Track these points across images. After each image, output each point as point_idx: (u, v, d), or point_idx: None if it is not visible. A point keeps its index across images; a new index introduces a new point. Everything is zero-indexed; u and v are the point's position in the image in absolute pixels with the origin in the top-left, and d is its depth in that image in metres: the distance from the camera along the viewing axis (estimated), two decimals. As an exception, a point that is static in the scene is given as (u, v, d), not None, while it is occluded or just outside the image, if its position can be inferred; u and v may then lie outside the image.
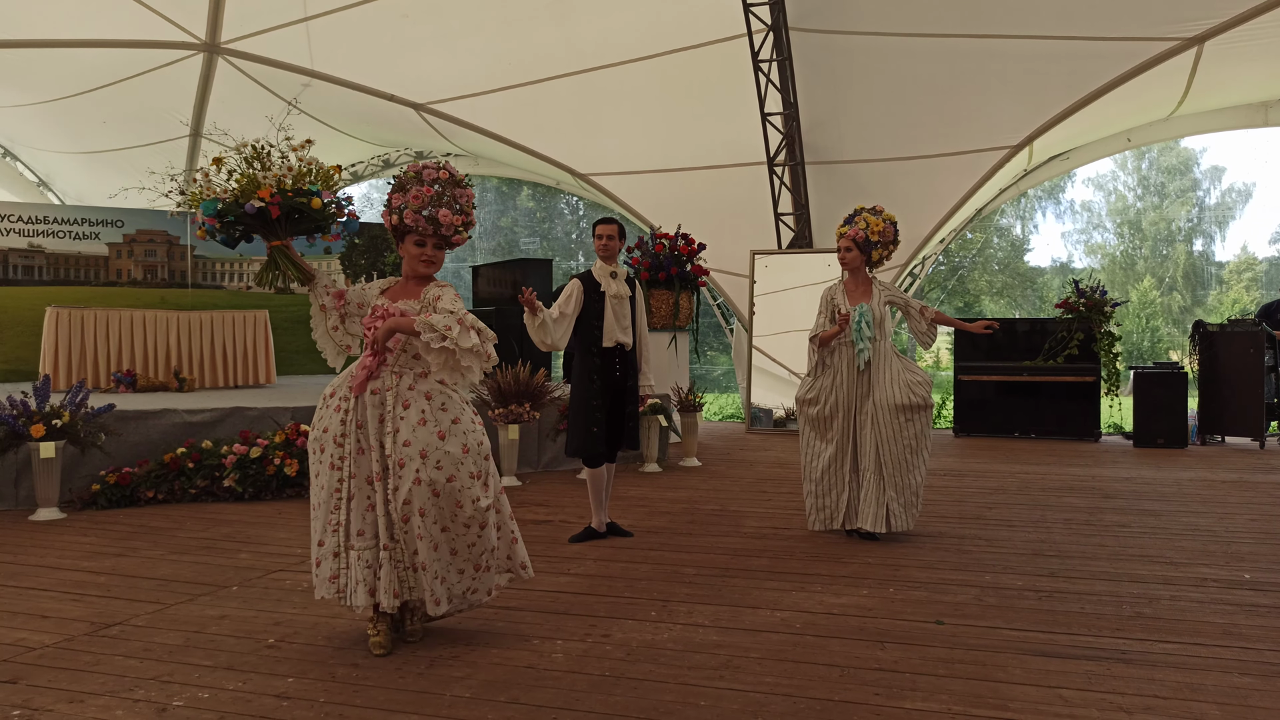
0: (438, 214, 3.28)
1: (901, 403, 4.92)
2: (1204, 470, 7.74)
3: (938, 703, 2.78)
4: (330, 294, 3.48)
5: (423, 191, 3.26)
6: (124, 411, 6.31)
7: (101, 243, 11.27)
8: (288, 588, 4.08)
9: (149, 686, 2.92)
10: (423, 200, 3.26)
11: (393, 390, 3.25)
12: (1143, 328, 33.18)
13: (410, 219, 3.27)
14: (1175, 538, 5.08)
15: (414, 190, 3.26)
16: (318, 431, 3.33)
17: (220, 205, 3.36)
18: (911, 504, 4.97)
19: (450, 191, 3.32)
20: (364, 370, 3.25)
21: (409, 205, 3.27)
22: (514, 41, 10.88)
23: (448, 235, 3.33)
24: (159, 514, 5.81)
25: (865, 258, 5.10)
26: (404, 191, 3.29)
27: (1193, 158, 36.44)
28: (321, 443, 3.31)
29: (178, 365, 8.82)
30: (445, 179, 3.32)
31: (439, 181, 3.31)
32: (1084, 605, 3.79)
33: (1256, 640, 3.34)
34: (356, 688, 2.91)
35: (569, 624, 3.55)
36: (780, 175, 10.91)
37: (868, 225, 5.05)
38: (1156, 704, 2.77)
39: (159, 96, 12.31)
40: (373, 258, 13.25)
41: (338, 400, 3.31)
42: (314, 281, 3.50)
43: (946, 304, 33.96)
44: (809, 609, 3.75)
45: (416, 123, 12.70)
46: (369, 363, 3.25)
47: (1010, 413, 10.29)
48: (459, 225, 3.33)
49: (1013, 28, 9.34)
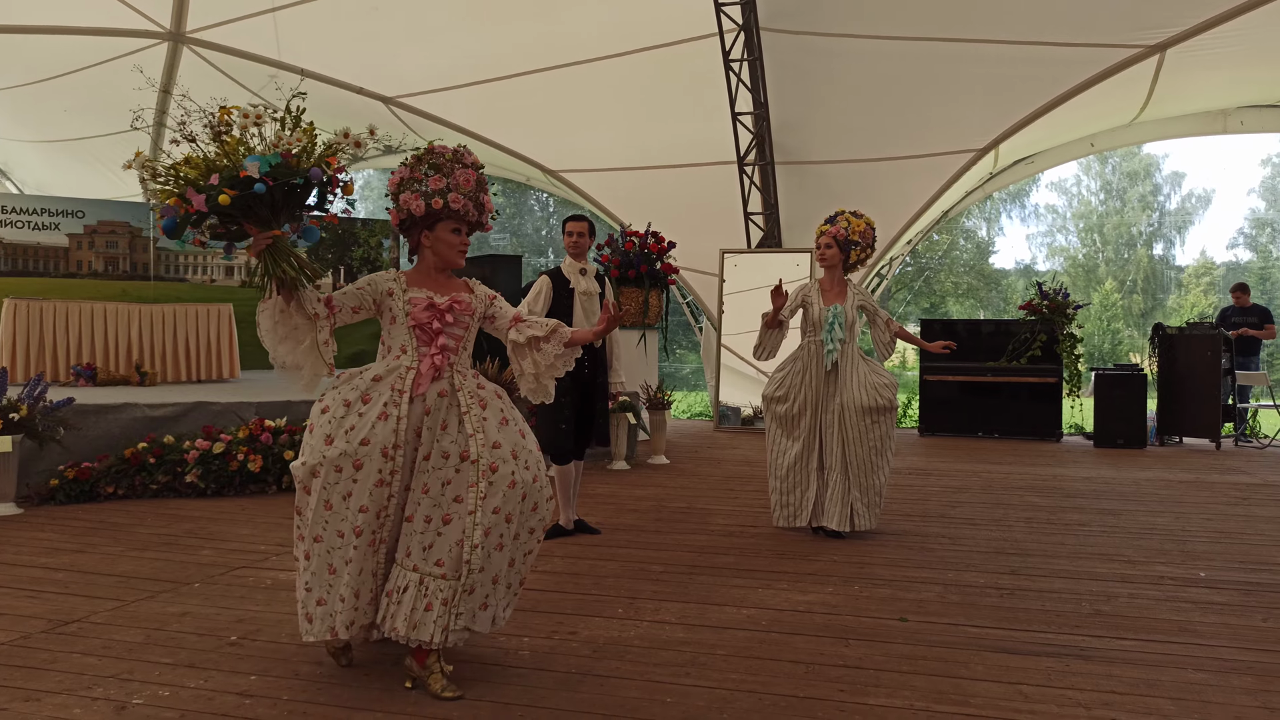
0: (483, 199, 3.06)
1: (868, 405, 4.96)
2: (1162, 470, 7.89)
3: (901, 699, 2.82)
4: (320, 301, 3.00)
5: (469, 174, 3.00)
6: (84, 405, 6.20)
7: (61, 233, 11.07)
8: (251, 584, 4.04)
9: (108, 684, 2.87)
10: (470, 184, 3.00)
11: (463, 390, 2.96)
12: (1104, 330, 33.74)
13: (458, 204, 2.97)
14: (1133, 536, 5.17)
15: (460, 174, 2.99)
16: (350, 446, 2.82)
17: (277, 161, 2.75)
18: (875, 504, 5.03)
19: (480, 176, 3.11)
20: (431, 369, 2.93)
21: (457, 189, 2.97)
22: (485, 36, 10.83)
23: (483, 222, 3.11)
24: (119, 510, 5.72)
25: (844, 257, 5.13)
26: (444, 174, 2.98)
27: (1154, 164, 37.09)
28: (358, 458, 2.82)
29: (139, 359, 8.68)
30: (478, 164, 3.08)
31: (478, 165, 3.07)
32: (1044, 602, 3.85)
33: (1211, 637, 3.41)
34: (320, 685, 2.89)
35: (535, 621, 3.55)
36: (750, 175, 10.95)
37: (849, 225, 5.08)
38: (1114, 699, 2.82)
39: (122, 85, 12.11)
40: (339, 252, 13.13)
41: (380, 408, 2.87)
42: (313, 284, 3.01)
43: (913, 304, 34.30)
44: (775, 606, 3.78)
45: (385, 116, 12.60)
46: (438, 361, 2.95)
47: (974, 413, 10.42)
48: (493, 211, 3.18)
49: (981, 32, 9.45)
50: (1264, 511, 5.97)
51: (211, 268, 12.09)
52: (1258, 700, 2.81)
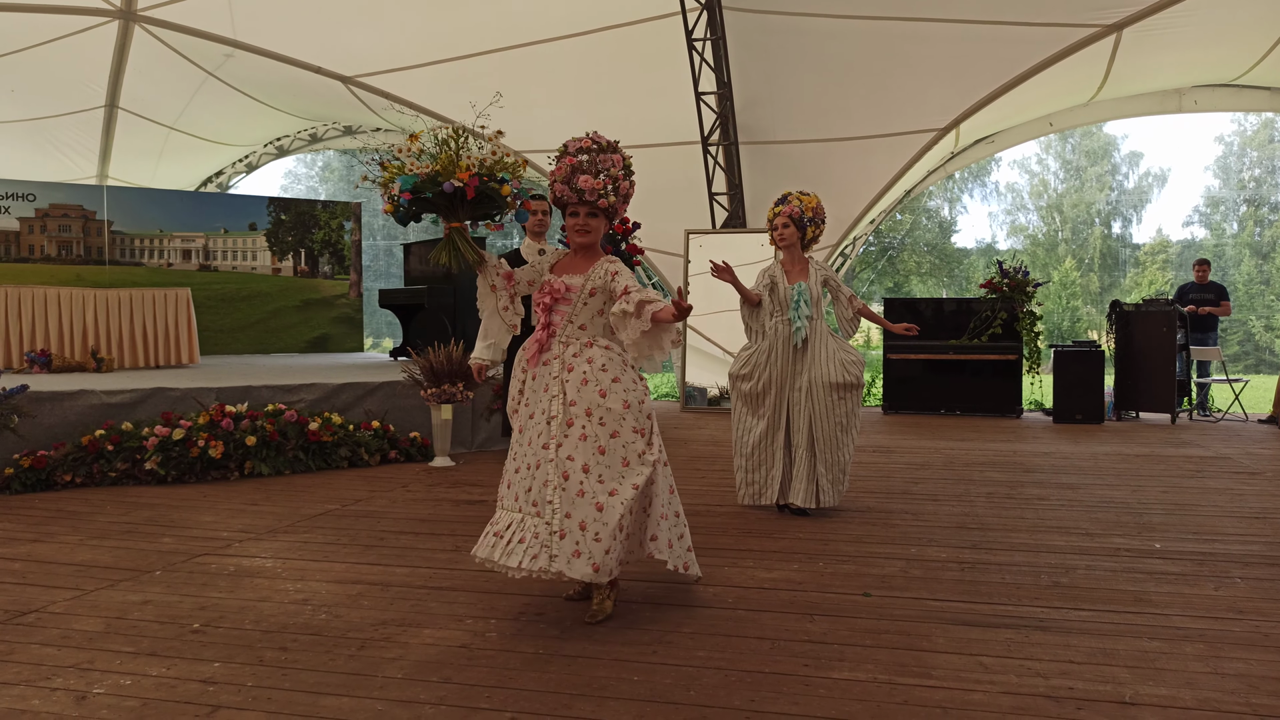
0: (578, 180, 3.36)
1: (836, 381, 5.00)
2: (1119, 445, 8.04)
3: (864, 672, 2.86)
4: (500, 274, 3.56)
5: (566, 162, 3.39)
6: (39, 393, 6.08)
7: (12, 217, 10.81)
8: (213, 572, 4.00)
9: (67, 674, 2.83)
10: (565, 170, 3.38)
11: (559, 359, 3.42)
12: (1063, 308, 34.25)
13: (559, 190, 3.40)
14: (1091, 510, 5.27)
15: (559, 163, 3.41)
16: (510, 401, 3.59)
17: (418, 181, 3.39)
18: (839, 480, 5.07)
19: (595, 158, 3.40)
20: (535, 343, 3.45)
21: (556, 178, 3.40)
22: (445, 15, 10.69)
23: (593, 200, 3.38)
24: (77, 498, 5.63)
25: (801, 235, 5.15)
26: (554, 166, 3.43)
27: (1113, 143, 37.62)
28: (512, 408, 3.57)
29: (95, 345, 8.52)
30: (589, 146, 3.41)
31: (584, 150, 3.40)
32: (1004, 575, 3.92)
33: (1165, 606, 3.50)
34: (285, 671, 2.87)
35: (502, 603, 3.55)
36: (714, 155, 10.95)
37: (802, 203, 5.11)
38: (1072, 669, 2.88)
39: (71, 65, 11.82)
40: (300, 235, 12.96)
41: (519, 370, 3.54)
42: (484, 264, 3.53)
43: (877, 284, 34.57)
44: (741, 584, 3.81)
45: (345, 96, 12.43)
46: (541, 336, 3.44)
47: (936, 390, 10.54)
48: (602, 189, 3.37)
49: (941, 11, 9.50)
50: (1216, 484, 6.12)
51: (168, 251, 11.90)
52: (1209, 666, 2.89)
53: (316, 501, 5.52)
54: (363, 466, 6.77)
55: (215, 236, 12.26)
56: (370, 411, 7.14)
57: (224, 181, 16.57)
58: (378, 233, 32.89)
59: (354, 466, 6.75)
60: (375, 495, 5.73)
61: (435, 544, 4.48)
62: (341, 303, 13.09)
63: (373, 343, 27.54)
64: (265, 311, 12.46)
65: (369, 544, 4.48)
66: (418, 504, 5.47)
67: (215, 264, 12.25)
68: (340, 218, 13.27)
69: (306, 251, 12.94)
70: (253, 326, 12.33)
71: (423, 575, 3.93)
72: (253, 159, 16.35)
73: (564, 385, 3.37)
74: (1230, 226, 36.06)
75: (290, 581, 3.84)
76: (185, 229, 12.03)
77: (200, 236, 12.12)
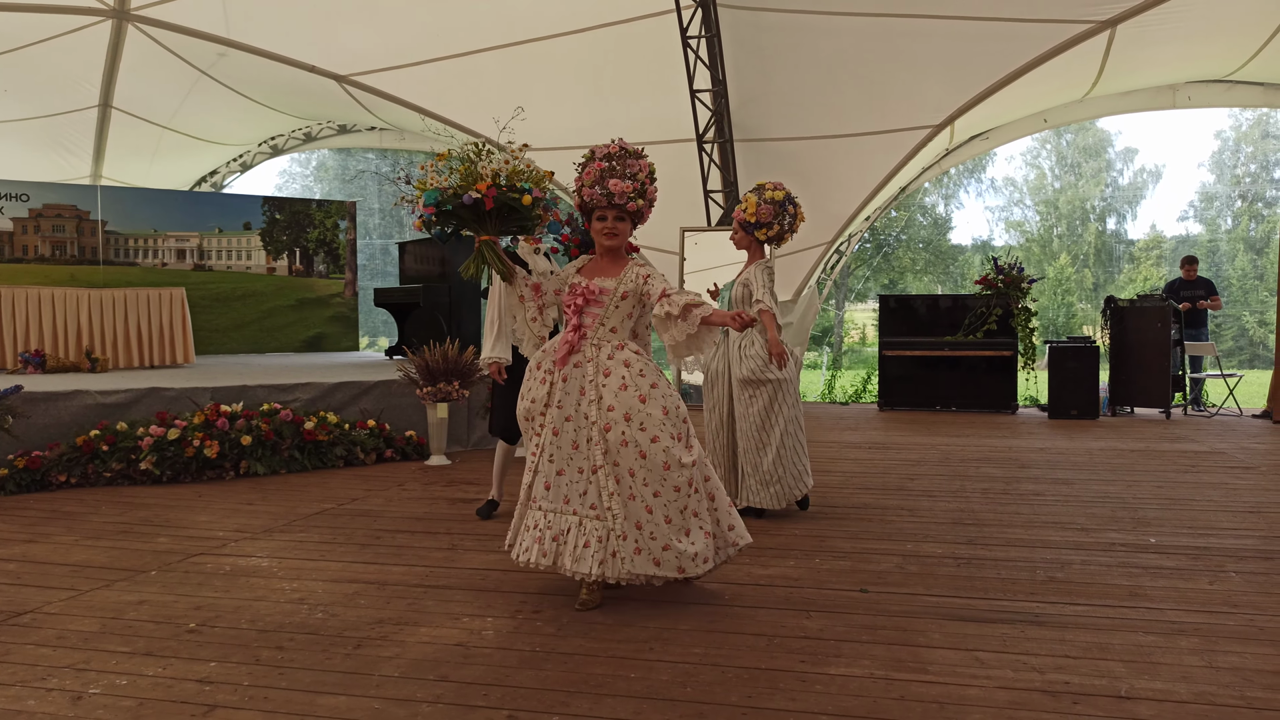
0: (608, 184, 3.42)
1: (742, 376, 4.85)
2: (1114, 440, 8.06)
3: (861, 668, 2.86)
4: (528, 285, 3.61)
5: (594, 167, 3.45)
6: (33, 393, 6.07)
7: (5, 217, 10.79)
8: (209, 571, 3.99)
9: (63, 675, 2.83)
10: (594, 175, 3.44)
11: (593, 361, 3.45)
12: (1058, 304, 34.28)
13: (587, 195, 3.46)
14: (1086, 505, 5.28)
15: (588, 168, 3.47)
16: (526, 403, 3.55)
17: (440, 196, 3.45)
18: (768, 482, 4.82)
19: (622, 163, 3.46)
20: (565, 345, 3.47)
21: (584, 182, 3.46)
22: (440, 13, 10.66)
23: (622, 204, 3.44)
24: (72, 498, 5.62)
25: (751, 238, 5.02)
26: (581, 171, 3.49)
27: (1107, 139, 37.62)
28: (530, 412, 3.53)
29: (89, 345, 8.50)
30: (616, 152, 3.48)
31: (611, 156, 3.47)
32: (1000, 571, 3.93)
33: (1160, 600, 3.51)
34: (281, 670, 2.87)
35: (499, 601, 3.55)
36: (709, 152, 10.94)
37: (745, 206, 4.95)
38: (1067, 663, 2.88)
39: (64, 64, 11.78)
40: (295, 234, 12.93)
41: (542, 373, 3.52)
42: (514, 276, 3.59)
43: (873, 280, 34.56)
44: (737, 580, 3.81)
45: (339, 95, 12.39)
46: (571, 338, 3.47)
47: (932, 386, 10.55)
48: (630, 193, 3.43)
49: (935, 8, 9.49)
50: (1211, 478, 6.13)
51: (163, 251, 11.88)
52: (1204, 660, 2.90)
53: (312, 501, 5.52)
54: (358, 465, 6.76)
55: (210, 236, 12.23)
56: (366, 410, 7.13)
57: (218, 181, 16.54)
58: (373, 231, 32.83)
59: (349, 465, 6.74)
60: (371, 494, 5.72)
61: (431, 542, 4.48)
62: (336, 302, 13.07)
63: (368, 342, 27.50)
64: (260, 311, 12.44)
65: (365, 543, 4.48)
66: (413, 503, 5.46)
67: (210, 263, 12.23)
68: (335, 217, 13.25)
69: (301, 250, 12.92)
70: (248, 326, 12.31)
71: (419, 574, 3.93)
72: (247, 158, 16.31)
73: (600, 389, 3.40)
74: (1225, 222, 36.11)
75: (286, 581, 3.84)
76: (180, 228, 12.01)
77: (195, 236, 12.10)
